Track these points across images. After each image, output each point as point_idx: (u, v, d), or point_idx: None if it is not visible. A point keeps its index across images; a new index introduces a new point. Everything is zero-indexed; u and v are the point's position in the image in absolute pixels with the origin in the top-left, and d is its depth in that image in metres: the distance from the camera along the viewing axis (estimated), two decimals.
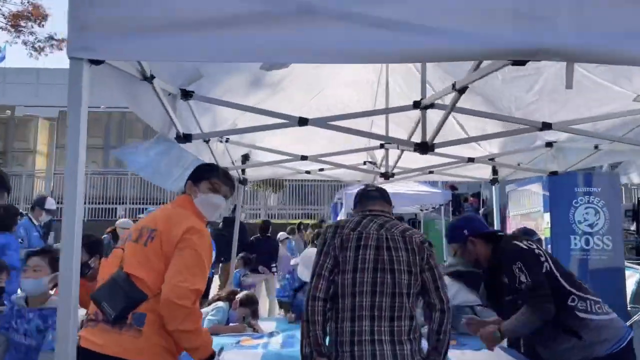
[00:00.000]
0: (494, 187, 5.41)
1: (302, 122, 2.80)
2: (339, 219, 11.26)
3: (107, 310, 2.02)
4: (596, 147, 3.53)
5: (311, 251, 4.70)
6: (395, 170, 4.53)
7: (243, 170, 4.92)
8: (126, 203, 17.16)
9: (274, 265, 8.27)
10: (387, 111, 3.28)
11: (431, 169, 4.98)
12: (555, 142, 4.01)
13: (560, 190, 5.86)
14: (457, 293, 3.73)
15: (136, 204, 16.82)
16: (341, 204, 13.91)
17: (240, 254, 8.16)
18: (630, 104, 2.68)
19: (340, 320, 2.18)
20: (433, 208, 12.31)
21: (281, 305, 5.44)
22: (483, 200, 16.29)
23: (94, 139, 18.78)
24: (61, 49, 17.08)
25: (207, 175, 2.43)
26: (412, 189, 10.46)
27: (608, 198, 5.82)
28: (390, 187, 10.73)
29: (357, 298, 2.16)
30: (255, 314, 3.99)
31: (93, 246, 3.46)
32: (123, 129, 19.61)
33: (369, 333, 2.11)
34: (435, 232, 12.71)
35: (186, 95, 2.78)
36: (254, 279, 7.61)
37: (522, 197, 6.78)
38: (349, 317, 2.16)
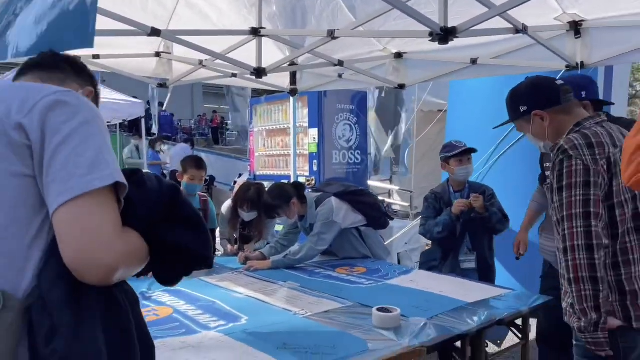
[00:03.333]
0: (292, 98, 4.96)
1: None
2: None
3: None
4: (474, 62, 3.57)
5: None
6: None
7: None
8: None
9: None
10: None
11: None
12: (406, 52, 3.89)
13: (328, 106, 5.90)
14: (346, 214, 3.29)
15: None
16: None
17: None
18: None
19: (626, 263, 1.62)
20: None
21: None
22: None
23: None
24: None
25: None
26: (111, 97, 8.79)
27: (358, 115, 6.22)
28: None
29: None
30: None
31: None
32: None
33: None
34: None
35: None
36: None
37: (272, 111, 6.54)
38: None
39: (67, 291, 0.91)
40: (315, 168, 5.90)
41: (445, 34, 2.18)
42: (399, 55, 3.92)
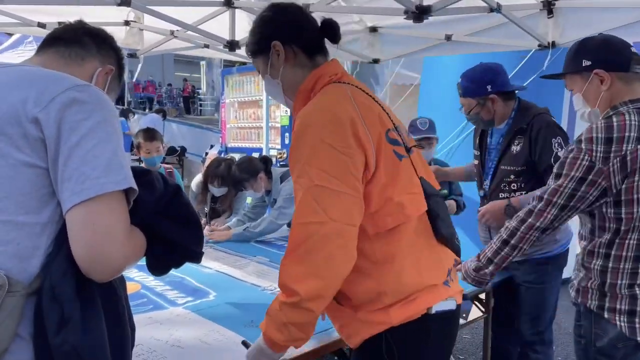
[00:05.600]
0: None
1: None
2: None
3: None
4: (448, 38, 3.56)
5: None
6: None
7: None
8: None
9: None
10: None
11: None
12: (381, 27, 3.87)
13: None
14: None
15: None
16: None
17: None
18: None
19: (618, 259, 1.62)
20: None
21: None
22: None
23: None
24: None
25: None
26: None
27: None
28: None
29: None
30: None
31: None
32: None
33: None
34: None
35: None
36: None
37: (243, 83, 6.45)
38: (633, 257, 1.60)
39: (75, 284, 0.95)
40: (287, 141, 5.87)
41: (419, 13, 2.17)
42: (374, 30, 3.89)
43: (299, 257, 1.24)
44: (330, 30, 1.45)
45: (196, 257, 1.25)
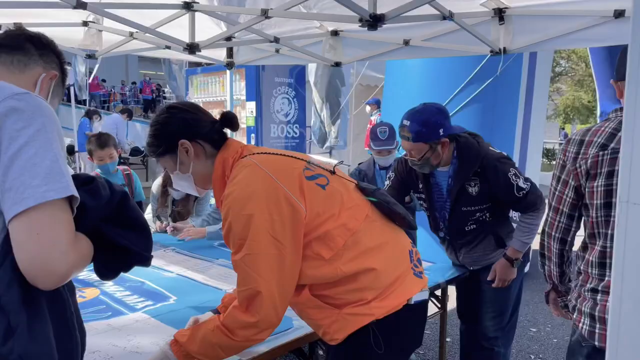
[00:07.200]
0: (229, 71, 4.89)
1: None
2: None
3: None
4: (406, 43, 3.65)
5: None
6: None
7: None
8: None
9: None
10: None
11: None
12: (342, 31, 3.93)
13: (266, 79, 5.87)
14: None
15: None
16: None
17: None
18: None
19: (587, 264, 1.64)
20: None
21: None
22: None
23: None
24: None
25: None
26: None
27: (297, 89, 6.23)
28: None
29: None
30: None
31: None
32: None
33: None
34: None
35: None
36: None
37: (208, 83, 6.43)
38: (598, 263, 1.60)
39: (21, 293, 0.95)
40: (253, 142, 5.89)
41: (374, 21, 2.23)
42: (335, 33, 3.95)
43: (243, 312, 1.44)
44: (230, 121, 1.61)
45: (145, 261, 1.25)
